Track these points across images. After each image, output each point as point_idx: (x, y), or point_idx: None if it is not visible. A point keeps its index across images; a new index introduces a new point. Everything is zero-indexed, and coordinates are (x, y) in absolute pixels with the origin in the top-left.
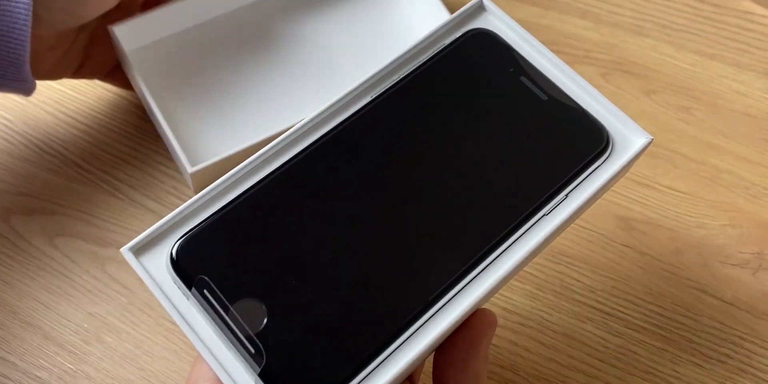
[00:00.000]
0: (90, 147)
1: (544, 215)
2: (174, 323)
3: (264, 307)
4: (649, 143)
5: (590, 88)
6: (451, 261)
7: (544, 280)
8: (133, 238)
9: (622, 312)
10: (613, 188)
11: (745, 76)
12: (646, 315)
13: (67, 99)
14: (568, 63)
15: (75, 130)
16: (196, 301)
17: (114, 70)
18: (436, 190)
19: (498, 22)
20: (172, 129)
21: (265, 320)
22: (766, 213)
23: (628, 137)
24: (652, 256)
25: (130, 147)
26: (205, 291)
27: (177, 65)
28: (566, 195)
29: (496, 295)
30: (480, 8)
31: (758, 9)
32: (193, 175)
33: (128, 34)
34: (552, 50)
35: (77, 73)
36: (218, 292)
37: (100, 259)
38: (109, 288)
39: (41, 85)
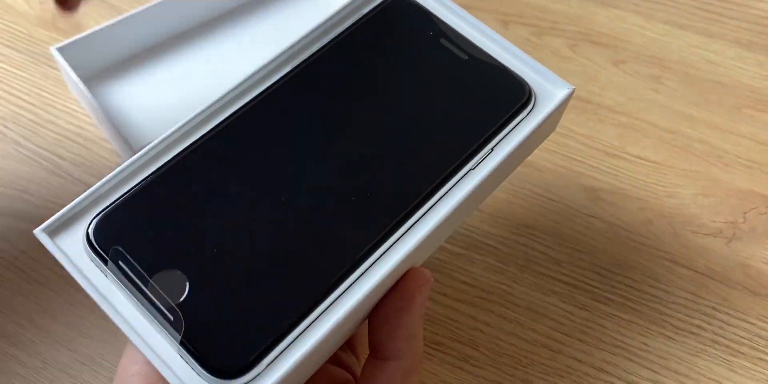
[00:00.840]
0: (32, 125)
1: (470, 169)
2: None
3: (184, 277)
4: (572, 93)
5: (510, 45)
6: (378, 219)
7: (506, 252)
8: None
9: (588, 284)
10: (579, 158)
11: (716, 45)
12: (614, 287)
13: (10, 77)
14: (535, 34)
15: (16, 108)
16: (113, 276)
17: None
18: (362, 151)
19: None
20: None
21: (186, 290)
22: (739, 181)
23: (550, 90)
24: (621, 227)
25: (74, 125)
26: (121, 263)
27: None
28: (491, 149)
29: (457, 268)
30: None
31: None
32: None
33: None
34: (518, 22)
35: None
36: (135, 264)
37: (35, 239)
38: (45, 268)
39: None
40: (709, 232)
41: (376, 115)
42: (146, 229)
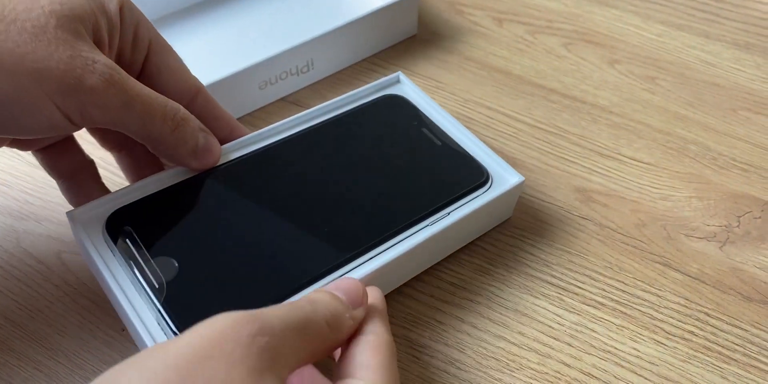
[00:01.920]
0: None
1: (426, 226)
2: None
3: (175, 262)
4: (522, 183)
5: (477, 140)
6: (347, 246)
7: (495, 253)
8: (53, 211)
9: (579, 287)
10: (572, 158)
11: (713, 46)
12: (605, 290)
13: None
14: (529, 33)
15: None
16: (120, 253)
17: (55, 145)
18: (351, 194)
19: (409, 90)
20: None
21: (176, 272)
22: (734, 184)
23: (506, 178)
24: (613, 229)
25: None
26: (127, 240)
27: None
28: (448, 213)
29: (444, 269)
30: (397, 81)
31: None
32: None
33: None
34: (513, 21)
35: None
36: (140, 243)
37: (15, 232)
38: (23, 263)
39: None
40: (702, 235)
41: (368, 173)
42: (154, 222)
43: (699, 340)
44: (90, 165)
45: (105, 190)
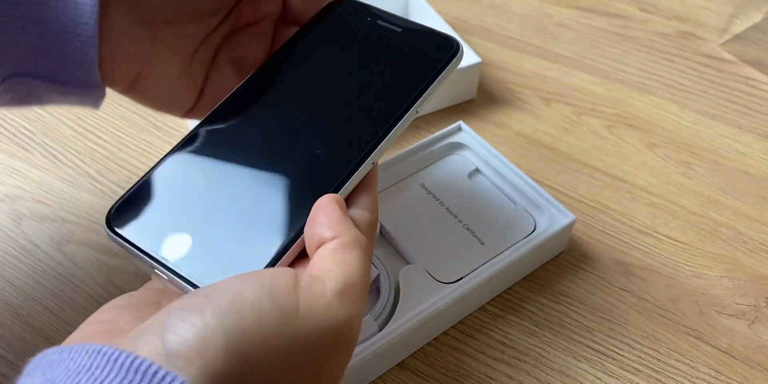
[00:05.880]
0: (105, 160)
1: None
2: None
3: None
4: (573, 221)
5: (536, 185)
6: (360, 134)
7: (542, 317)
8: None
9: (617, 353)
10: (613, 233)
11: (745, 137)
12: (641, 358)
13: (87, 114)
14: (575, 113)
15: (92, 144)
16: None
17: None
18: (340, 97)
19: (470, 138)
20: None
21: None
22: (763, 267)
23: (559, 218)
24: (650, 302)
25: (144, 163)
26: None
27: None
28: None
29: (496, 329)
30: (458, 130)
31: (759, 75)
32: None
33: None
34: (559, 101)
35: (193, 110)
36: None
37: (106, 268)
38: (112, 296)
39: None
40: (732, 313)
41: (352, 79)
42: (148, 214)
43: None
44: None
45: None
